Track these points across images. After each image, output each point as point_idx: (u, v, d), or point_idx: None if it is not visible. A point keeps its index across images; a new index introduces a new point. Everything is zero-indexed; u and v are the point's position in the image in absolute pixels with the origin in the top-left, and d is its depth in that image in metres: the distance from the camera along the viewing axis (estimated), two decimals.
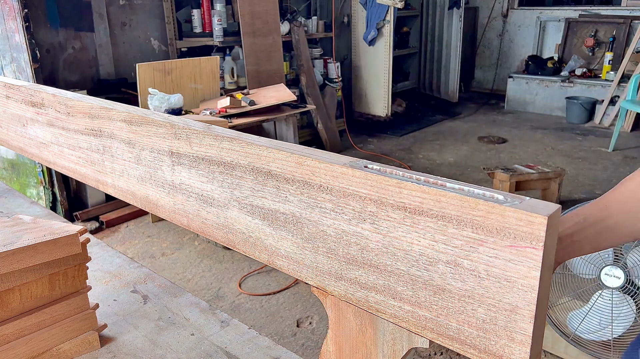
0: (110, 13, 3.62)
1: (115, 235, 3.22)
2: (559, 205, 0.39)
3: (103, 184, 0.85)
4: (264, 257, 0.62)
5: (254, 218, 0.61)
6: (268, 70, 4.06)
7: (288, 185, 0.55)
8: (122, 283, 1.07)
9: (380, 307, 0.51)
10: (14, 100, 1.00)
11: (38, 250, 0.77)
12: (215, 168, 0.63)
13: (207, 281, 2.68)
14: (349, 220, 0.51)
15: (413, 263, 0.47)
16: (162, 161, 0.71)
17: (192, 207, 0.69)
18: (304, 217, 0.55)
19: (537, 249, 0.38)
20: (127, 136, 0.75)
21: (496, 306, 0.42)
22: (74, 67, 3.47)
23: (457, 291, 0.44)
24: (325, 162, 0.51)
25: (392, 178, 0.46)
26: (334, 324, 0.58)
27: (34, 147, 1.01)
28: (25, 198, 1.51)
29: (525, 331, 0.41)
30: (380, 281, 0.50)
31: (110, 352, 0.87)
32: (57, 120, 0.89)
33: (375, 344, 0.55)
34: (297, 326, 2.31)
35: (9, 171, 3.42)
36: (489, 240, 0.41)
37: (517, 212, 0.39)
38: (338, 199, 0.51)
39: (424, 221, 0.45)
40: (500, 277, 0.41)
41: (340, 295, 0.55)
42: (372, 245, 0.50)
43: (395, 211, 0.47)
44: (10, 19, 2.93)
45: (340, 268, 0.53)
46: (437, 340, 0.48)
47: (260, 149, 0.57)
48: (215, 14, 3.86)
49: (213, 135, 0.62)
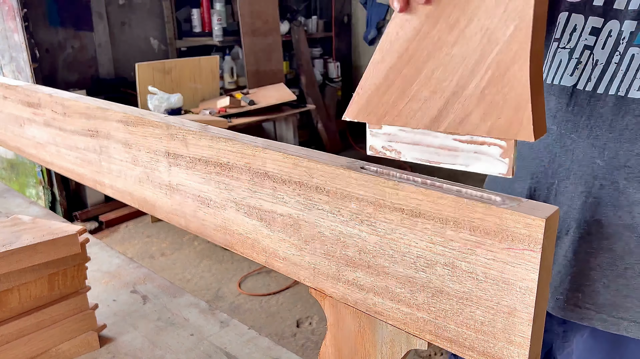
0: (109, 12, 3.62)
1: (115, 235, 3.22)
2: (556, 207, 0.38)
3: (101, 185, 0.85)
4: (261, 258, 0.61)
5: (252, 219, 0.60)
6: (268, 69, 4.06)
7: (285, 186, 0.55)
8: (121, 283, 1.07)
9: (379, 309, 0.51)
10: (11, 100, 0.99)
11: (37, 250, 0.77)
12: (211, 168, 0.63)
13: (206, 282, 2.68)
14: (346, 221, 0.50)
15: (411, 265, 0.47)
16: (159, 162, 0.70)
17: (190, 208, 0.69)
18: (301, 219, 0.55)
19: (535, 251, 0.38)
20: (123, 136, 0.75)
21: (494, 309, 0.42)
22: (74, 66, 3.47)
23: (455, 293, 0.44)
24: (322, 163, 0.51)
25: (389, 180, 0.46)
26: (332, 326, 0.58)
27: (31, 148, 1.00)
28: (24, 198, 1.51)
29: (524, 334, 0.41)
30: (378, 283, 0.50)
31: (109, 352, 0.87)
32: (54, 121, 0.89)
33: (374, 346, 0.55)
34: (297, 326, 2.31)
35: (8, 171, 3.42)
36: (486, 242, 0.41)
37: (515, 214, 0.38)
38: (335, 200, 0.51)
39: (422, 223, 0.45)
40: (498, 279, 0.41)
41: (338, 296, 0.55)
42: (369, 246, 0.49)
43: (393, 213, 0.46)
44: (9, 19, 2.93)
45: (338, 269, 0.53)
46: (436, 342, 0.48)
47: (257, 150, 0.56)
48: (215, 14, 3.86)
49: (209, 135, 0.61)
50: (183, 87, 3.30)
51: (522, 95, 0.38)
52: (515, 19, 0.37)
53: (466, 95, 0.41)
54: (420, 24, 0.43)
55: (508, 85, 0.39)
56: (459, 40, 0.41)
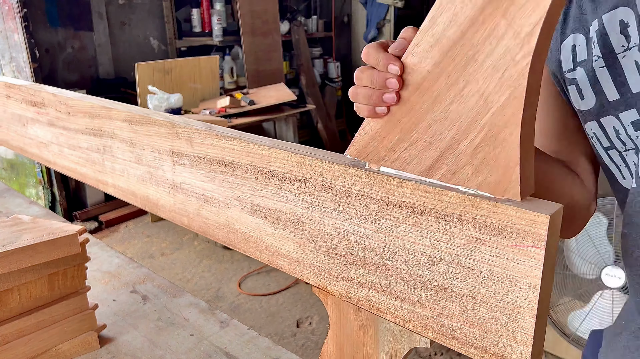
0: (109, 12, 3.62)
1: (115, 235, 3.22)
2: (561, 204, 0.39)
3: (103, 184, 0.85)
4: (265, 257, 0.62)
5: (255, 217, 0.61)
6: (268, 69, 4.06)
7: (289, 185, 0.55)
8: (121, 283, 1.07)
9: (382, 307, 0.51)
10: (14, 99, 1.00)
11: (37, 250, 0.77)
12: (216, 167, 0.63)
13: (206, 282, 2.68)
14: (350, 219, 0.51)
15: (415, 263, 0.47)
16: (163, 160, 0.71)
17: (193, 207, 0.69)
18: (306, 217, 0.55)
19: (539, 248, 0.38)
20: (127, 135, 0.75)
21: (498, 306, 0.42)
22: (73, 66, 3.47)
23: (458, 290, 0.44)
24: (327, 161, 0.51)
25: (393, 178, 0.46)
26: (334, 324, 0.58)
27: (34, 147, 1.01)
28: (24, 198, 1.51)
29: (527, 331, 0.41)
30: (381, 280, 0.50)
31: (109, 352, 0.87)
32: (58, 120, 0.89)
33: (376, 344, 0.55)
34: (297, 326, 2.31)
35: (8, 171, 3.41)
36: (491, 240, 0.41)
37: (519, 211, 0.39)
38: (340, 198, 0.51)
39: (426, 221, 0.45)
40: (502, 276, 0.41)
41: (341, 294, 0.55)
42: (373, 244, 0.49)
43: (397, 210, 0.47)
44: (9, 18, 2.93)
45: (341, 267, 0.53)
46: (439, 340, 0.48)
47: (262, 149, 0.57)
48: (215, 13, 3.86)
49: (215, 134, 0.62)
50: (183, 86, 3.30)
51: (512, 157, 0.40)
52: (510, 87, 0.40)
53: (460, 150, 0.44)
54: (422, 79, 0.45)
55: (500, 146, 0.41)
56: (457, 99, 0.43)
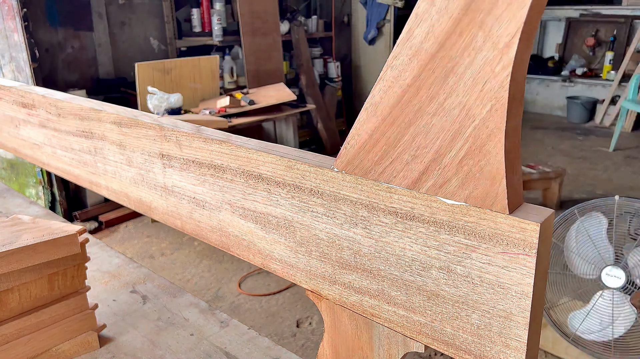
0: (109, 12, 3.62)
1: (115, 235, 3.22)
2: (552, 210, 0.38)
3: (97, 186, 0.85)
4: (257, 260, 0.61)
5: (247, 221, 0.60)
6: (268, 69, 4.05)
7: (279, 189, 0.54)
8: (121, 283, 1.07)
9: (375, 311, 0.51)
10: (6, 101, 0.99)
11: (37, 250, 0.77)
12: (205, 170, 0.62)
13: (206, 282, 2.68)
14: (340, 224, 0.50)
15: (406, 269, 0.46)
16: (154, 163, 0.70)
17: (185, 210, 0.68)
18: (296, 221, 0.54)
19: (530, 256, 0.37)
20: (117, 138, 0.75)
21: (490, 313, 0.41)
22: (73, 66, 3.47)
23: (450, 297, 0.44)
24: (315, 165, 0.50)
25: (382, 184, 0.46)
26: (329, 328, 0.58)
27: (27, 149, 1.00)
28: (24, 198, 1.50)
29: (520, 338, 0.40)
30: (374, 285, 0.49)
31: (109, 352, 0.86)
32: (49, 122, 0.89)
33: (371, 348, 0.54)
34: (297, 326, 2.31)
35: (8, 171, 3.42)
36: (481, 247, 0.40)
37: (509, 219, 0.38)
38: (329, 203, 0.50)
39: (416, 227, 0.44)
40: (494, 283, 0.40)
41: (334, 298, 0.54)
42: (364, 249, 0.49)
43: (387, 216, 0.46)
44: (9, 18, 2.93)
45: (333, 272, 0.53)
46: (432, 345, 0.47)
47: (250, 152, 0.56)
48: (215, 13, 3.85)
49: (202, 137, 0.61)
50: (183, 86, 3.30)
51: (498, 170, 0.39)
52: (492, 99, 0.39)
53: (445, 163, 0.43)
54: (402, 92, 0.44)
55: (484, 159, 0.40)
56: (439, 112, 0.42)
